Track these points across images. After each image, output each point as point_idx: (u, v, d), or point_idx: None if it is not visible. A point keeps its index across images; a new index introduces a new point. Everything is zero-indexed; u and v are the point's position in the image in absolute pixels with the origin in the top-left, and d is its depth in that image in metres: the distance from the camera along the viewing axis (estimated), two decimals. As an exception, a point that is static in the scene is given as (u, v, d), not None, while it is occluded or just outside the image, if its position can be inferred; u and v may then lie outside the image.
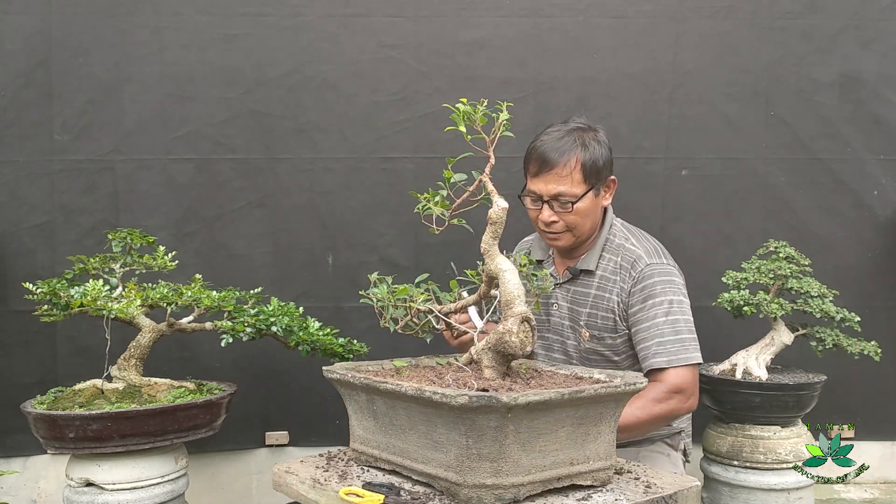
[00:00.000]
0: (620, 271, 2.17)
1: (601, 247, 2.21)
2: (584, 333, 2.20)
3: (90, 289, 2.14)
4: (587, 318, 2.20)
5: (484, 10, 2.81)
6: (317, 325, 2.30)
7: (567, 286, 2.25)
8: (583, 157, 2.08)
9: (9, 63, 2.67)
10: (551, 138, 2.10)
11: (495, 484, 1.44)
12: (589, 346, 2.20)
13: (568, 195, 2.08)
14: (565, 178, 2.07)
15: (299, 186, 2.80)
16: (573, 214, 2.10)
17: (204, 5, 2.73)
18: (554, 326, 2.28)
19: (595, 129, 2.15)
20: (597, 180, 2.11)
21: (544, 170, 2.08)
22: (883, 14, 2.85)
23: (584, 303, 2.21)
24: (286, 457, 2.84)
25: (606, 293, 2.18)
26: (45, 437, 2.11)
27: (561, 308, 2.26)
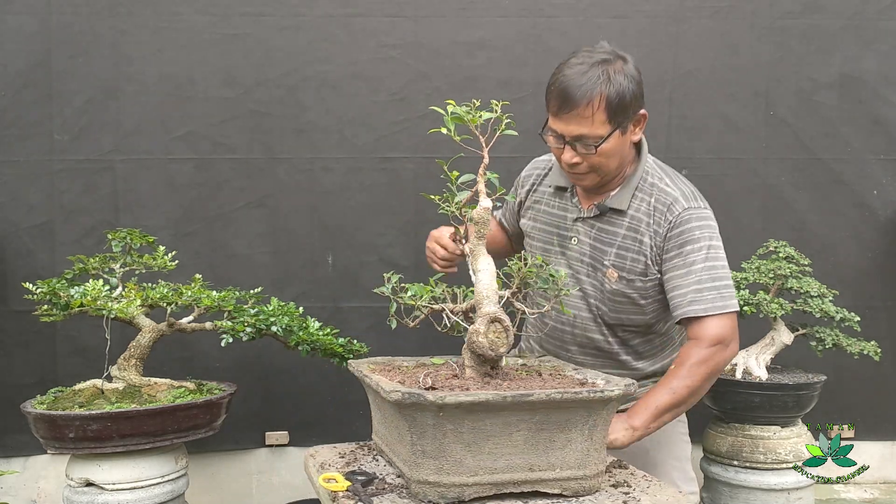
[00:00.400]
0: (655, 213, 1.98)
1: (635, 185, 2.01)
2: (612, 273, 2.01)
3: (90, 289, 2.14)
4: (615, 258, 2.01)
5: (484, 10, 2.81)
6: (317, 325, 2.30)
7: (592, 221, 2.05)
8: (608, 95, 1.85)
9: (9, 63, 2.67)
10: (574, 73, 1.87)
11: (437, 481, 1.46)
12: (616, 288, 2.01)
13: (591, 137, 1.88)
14: (588, 119, 1.86)
15: (299, 186, 2.80)
16: (598, 156, 1.91)
17: (204, 5, 2.73)
18: (571, 260, 2.08)
19: (623, 58, 1.91)
20: (624, 118, 1.90)
21: (565, 109, 1.87)
22: (883, 14, 2.85)
23: (610, 242, 2.02)
24: (286, 457, 2.84)
25: (638, 235, 1.99)
26: (45, 437, 2.11)
27: (582, 244, 2.06)
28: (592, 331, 2.07)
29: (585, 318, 2.07)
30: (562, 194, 2.11)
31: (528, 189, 2.20)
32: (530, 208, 2.18)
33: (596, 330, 2.07)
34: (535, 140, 2.78)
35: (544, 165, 2.20)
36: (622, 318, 2.05)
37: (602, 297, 2.04)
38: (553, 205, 2.13)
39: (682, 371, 1.89)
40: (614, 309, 2.04)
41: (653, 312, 2.04)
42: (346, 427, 2.73)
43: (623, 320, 2.05)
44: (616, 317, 2.05)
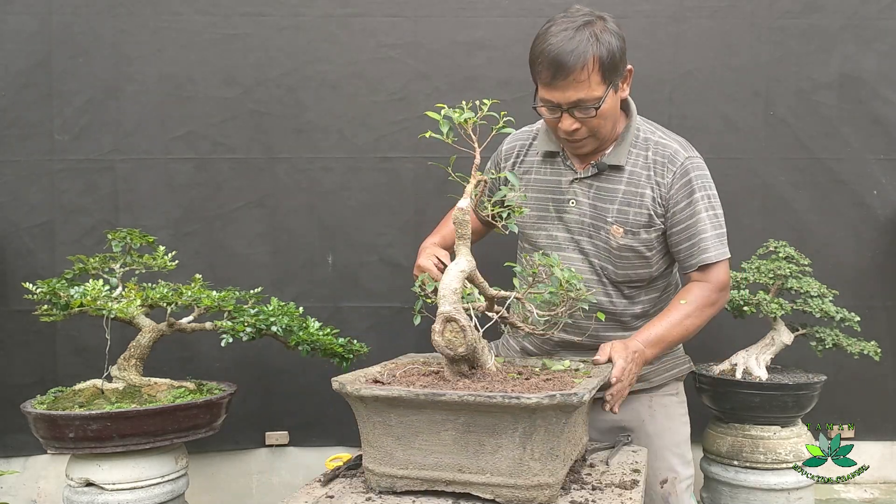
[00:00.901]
0: (655, 166, 2.01)
1: (630, 141, 2.04)
2: (617, 230, 2.01)
3: (90, 289, 2.14)
4: (617, 214, 2.02)
5: (483, 9, 2.81)
6: (317, 325, 2.30)
7: (590, 181, 2.05)
8: (600, 55, 1.85)
9: (9, 63, 2.68)
10: (560, 39, 1.85)
11: (373, 469, 1.56)
12: (623, 243, 2.02)
13: (589, 100, 1.88)
14: (584, 83, 1.86)
15: (298, 186, 2.80)
16: (596, 119, 1.92)
17: (204, 5, 2.73)
18: (569, 224, 2.08)
19: (603, 17, 1.93)
20: (615, 76, 1.91)
21: (560, 77, 1.85)
22: (883, 14, 2.85)
23: (611, 199, 2.03)
24: (286, 457, 2.85)
25: (639, 189, 2.01)
26: (45, 437, 2.11)
27: (581, 205, 2.05)
28: (597, 293, 2.05)
29: (590, 280, 2.06)
30: (552, 160, 2.10)
31: (512, 161, 2.18)
32: (518, 179, 2.13)
33: (601, 291, 2.06)
34: (534, 140, 2.79)
35: (526, 136, 2.19)
36: (629, 274, 2.06)
37: (608, 255, 2.04)
38: (544, 171, 2.11)
39: (692, 309, 1.97)
40: (621, 265, 2.04)
41: (657, 264, 2.07)
42: (347, 427, 2.73)
43: (630, 276, 2.06)
44: (623, 273, 2.05)
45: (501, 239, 2.13)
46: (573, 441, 1.65)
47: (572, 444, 1.63)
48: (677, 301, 2.01)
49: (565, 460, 1.55)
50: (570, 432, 1.57)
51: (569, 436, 1.56)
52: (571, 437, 1.60)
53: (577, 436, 1.69)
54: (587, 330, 2.02)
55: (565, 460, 1.55)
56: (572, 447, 1.64)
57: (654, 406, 2.16)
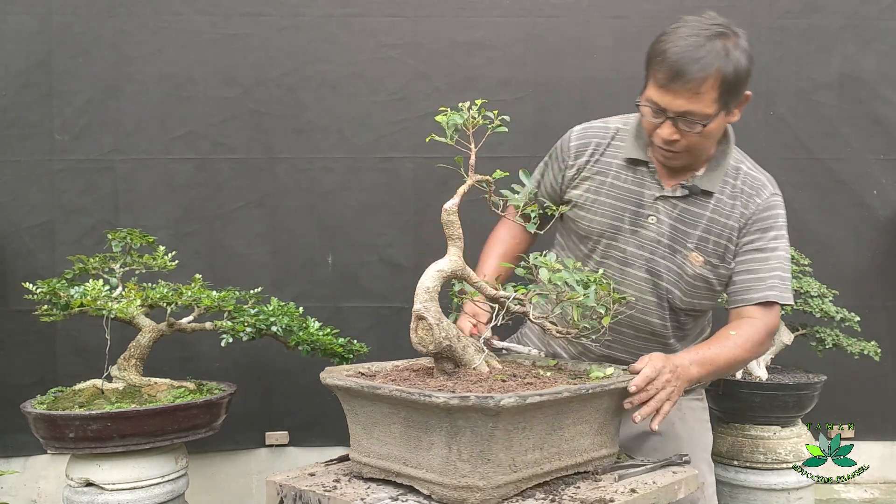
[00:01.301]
0: (741, 196, 1.90)
1: (725, 169, 1.92)
2: (696, 258, 1.90)
3: (90, 289, 2.14)
4: (698, 241, 1.90)
5: (483, 9, 2.81)
6: (317, 325, 2.30)
7: (675, 201, 1.91)
8: (725, 73, 1.73)
9: (9, 63, 2.68)
10: (688, 45, 1.73)
11: (352, 456, 1.65)
12: (699, 272, 1.90)
13: (699, 115, 1.76)
14: (698, 96, 1.74)
15: (298, 186, 2.80)
16: (700, 136, 1.80)
17: (204, 5, 2.74)
18: (643, 241, 1.93)
19: (737, 34, 1.79)
20: (732, 98, 1.79)
21: (676, 83, 1.73)
22: (883, 14, 2.85)
23: (694, 224, 1.91)
24: (286, 457, 2.84)
25: (724, 218, 1.90)
26: (45, 437, 2.11)
27: (661, 224, 1.91)
28: (652, 314, 1.95)
29: (650, 301, 1.95)
30: (635, 168, 1.94)
31: (586, 160, 2.00)
32: (588, 179, 1.99)
33: (657, 314, 1.95)
34: (535, 140, 2.80)
35: (603, 133, 2.02)
36: (694, 303, 1.95)
37: (679, 280, 1.93)
38: (624, 178, 1.95)
39: (741, 342, 1.82)
40: (689, 294, 1.93)
41: (719, 297, 1.99)
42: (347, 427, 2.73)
43: (695, 305, 1.96)
44: (689, 302, 1.94)
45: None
46: (534, 448, 1.52)
47: (533, 451, 1.52)
48: (727, 331, 1.86)
49: (512, 467, 1.48)
50: (517, 438, 1.47)
51: (515, 441, 1.47)
52: (525, 444, 1.49)
53: (549, 443, 1.55)
54: (628, 345, 1.96)
55: (512, 467, 1.48)
56: (534, 454, 1.52)
57: (684, 409, 2.06)
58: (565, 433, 1.57)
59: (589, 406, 1.60)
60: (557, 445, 1.56)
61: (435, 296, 1.63)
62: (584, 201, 1.98)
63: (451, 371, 1.67)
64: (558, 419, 1.54)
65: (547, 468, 1.55)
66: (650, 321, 1.95)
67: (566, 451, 1.59)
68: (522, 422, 1.47)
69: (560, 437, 1.56)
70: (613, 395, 1.64)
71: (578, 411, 1.58)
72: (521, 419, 1.46)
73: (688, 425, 2.05)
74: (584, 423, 1.60)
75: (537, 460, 1.53)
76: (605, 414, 1.64)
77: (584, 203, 1.98)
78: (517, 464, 1.48)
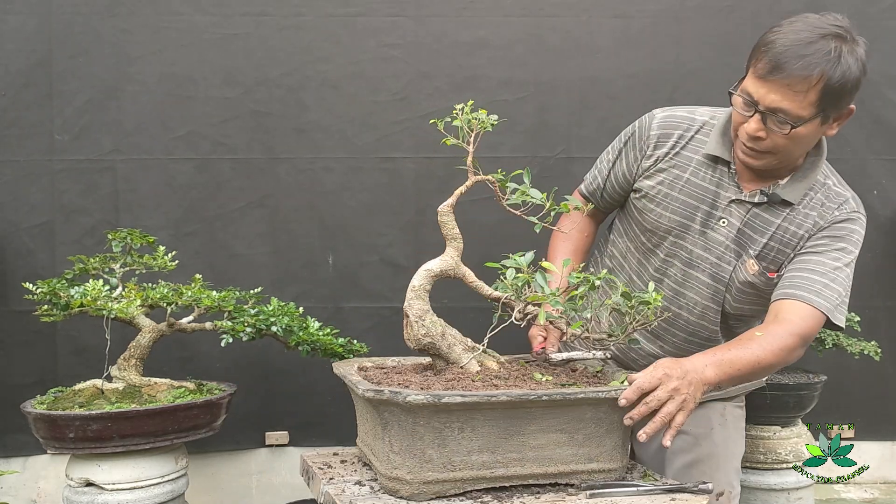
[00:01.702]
0: (820, 208, 1.80)
1: (811, 182, 1.81)
2: (752, 265, 1.80)
3: (90, 289, 2.14)
4: (762, 249, 1.81)
5: (485, 9, 2.81)
6: (317, 325, 2.30)
7: (748, 205, 1.81)
8: (830, 76, 1.61)
9: (9, 63, 2.67)
10: (799, 38, 1.62)
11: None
12: (750, 280, 1.81)
13: (791, 115, 1.65)
14: (796, 95, 1.62)
15: (299, 186, 2.80)
16: (788, 138, 1.68)
17: (204, 5, 2.73)
18: (710, 243, 1.84)
19: (855, 41, 1.67)
20: (833, 107, 1.67)
21: (775, 75, 1.62)
22: (883, 14, 2.85)
23: (763, 231, 1.81)
24: (286, 457, 2.84)
25: (794, 227, 1.80)
26: (45, 437, 2.11)
27: (731, 226, 1.82)
28: (708, 318, 1.88)
29: (709, 306, 1.87)
30: (716, 166, 1.84)
31: (666, 151, 1.89)
32: (664, 171, 1.89)
33: (712, 318, 1.88)
34: (536, 140, 2.80)
35: (687, 124, 1.91)
36: (743, 309, 1.89)
37: (730, 285, 1.85)
38: (703, 176, 1.85)
39: (766, 343, 1.68)
40: (738, 299, 1.86)
41: (767, 305, 1.85)
42: (347, 427, 2.72)
43: (744, 311, 1.89)
44: (738, 307, 1.88)
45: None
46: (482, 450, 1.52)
47: (481, 453, 1.51)
48: (752, 332, 1.75)
49: (448, 466, 1.49)
50: (455, 437, 1.48)
51: (451, 440, 1.48)
52: (468, 445, 1.50)
53: (506, 448, 1.53)
54: (664, 341, 1.89)
55: (448, 466, 1.49)
56: (483, 456, 1.52)
57: (726, 415, 1.99)
58: (530, 440, 1.54)
59: (563, 414, 1.54)
60: (518, 451, 1.54)
61: (421, 293, 1.68)
62: (655, 193, 1.88)
63: (440, 369, 1.70)
64: (515, 424, 1.52)
65: (501, 473, 1.53)
66: (705, 326, 1.88)
67: (532, 458, 1.55)
68: (458, 422, 1.48)
69: (521, 444, 1.54)
70: (599, 406, 1.55)
71: (546, 418, 1.53)
72: (454, 419, 1.47)
73: (726, 431, 1.97)
74: (557, 432, 1.55)
75: (486, 463, 1.52)
76: (592, 425, 1.56)
77: (655, 195, 1.88)
78: (455, 463, 1.50)
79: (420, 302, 1.68)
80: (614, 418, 1.56)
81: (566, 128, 2.83)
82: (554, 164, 2.80)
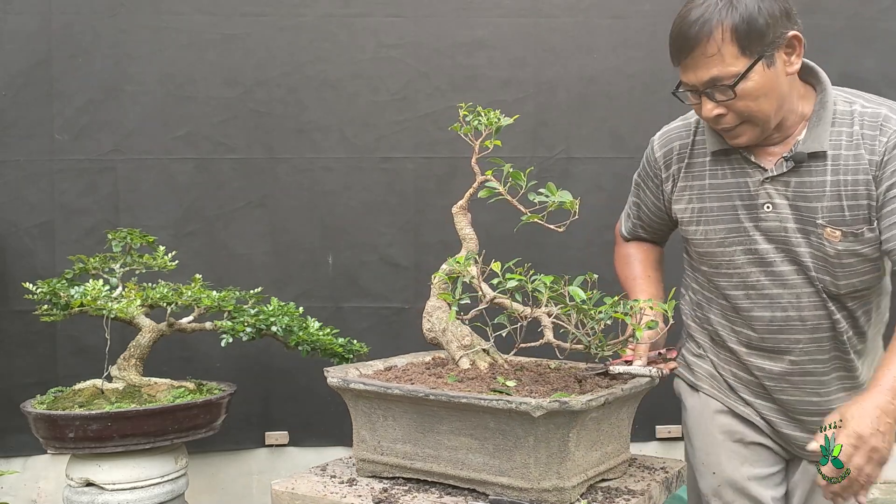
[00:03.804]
0: (864, 140, 1.60)
1: (828, 119, 1.62)
2: (832, 233, 1.61)
3: (90, 289, 2.14)
4: (828, 212, 1.61)
5: (484, 9, 2.81)
6: (317, 325, 2.31)
7: (785, 178, 1.64)
8: (733, 22, 1.51)
9: (9, 63, 2.67)
10: (682, 15, 1.56)
11: None
12: (842, 248, 1.61)
13: (725, 77, 1.54)
14: (714, 58, 1.53)
15: (299, 186, 2.80)
16: (741, 100, 1.56)
17: (204, 5, 2.73)
18: (769, 233, 1.67)
19: None
20: (763, 46, 1.53)
21: (685, 54, 1.56)
22: (883, 14, 2.85)
23: (817, 196, 1.62)
24: (286, 457, 2.84)
25: (849, 175, 1.61)
26: (45, 437, 2.11)
27: (778, 208, 1.65)
28: (814, 307, 1.67)
29: (810, 295, 1.67)
30: (727, 158, 1.71)
31: (676, 166, 1.78)
32: (686, 188, 1.76)
33: (819, 306, 1.67)
34: (535, 140, 2.80)
35: (685, 132, 1.79)
36: (854, 283, 1.66)
37: (825, 264, 1.64)
38: (721, 174, 1.72)
39: None
40: (843, 275, 1.64)
41: (881, 266, 1.66)
42: (347, 427, 2.72)
43: (855, 285, 1.66)
44: (847, 283, 1.65)
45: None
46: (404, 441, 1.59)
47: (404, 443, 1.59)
48: None
49: (377, 449, 1.64)
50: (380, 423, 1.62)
51: (379, 425, 1.62)
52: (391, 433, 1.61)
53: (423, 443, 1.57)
54: (790, 353, 1.69)
55: (377, 449, 1.64)
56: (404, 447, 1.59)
57: None
58: (444, 439, 1.54)
59: (467, 419, 1.50)
60: (434, 449, 1.56)
61: (435, 290, 1.75)
62: (692, 214, 1.76)
63: (445, 364, 1.79)
64: (428, 420, 1.55)
65: (420, 466, 1.59)
66: (815, 316, 1.68)
67: (447, 458, 1.55)
68: (380, 409, 1.62)
69: (437, 441, 1.56)
70: (498, 416, 1.45)
71: (453, 420, 1.52)
72: (375, 406, 1.61)
73: None
74: (466, 436, 1.52)
75: (408, 454, 1.60)
76: (499, 435, 1.48)
77: (692, 216, 1.76)
78: (384, 448, 1.63)
79: (433, 299, 1.76)
80: (519, 433, 1.46)
81: (565, 128, 2.83)
82: (553, 164, 2.80)
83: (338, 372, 1.68)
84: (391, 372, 1.77)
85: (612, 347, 1.57)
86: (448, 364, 1.78)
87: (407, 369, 1.78)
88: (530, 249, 2.56)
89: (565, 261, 2.69)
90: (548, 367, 1.83)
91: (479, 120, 1.73)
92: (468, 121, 1.74)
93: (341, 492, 1.58)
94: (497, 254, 1.66)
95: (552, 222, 1.65)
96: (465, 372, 1.70)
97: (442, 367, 1.77)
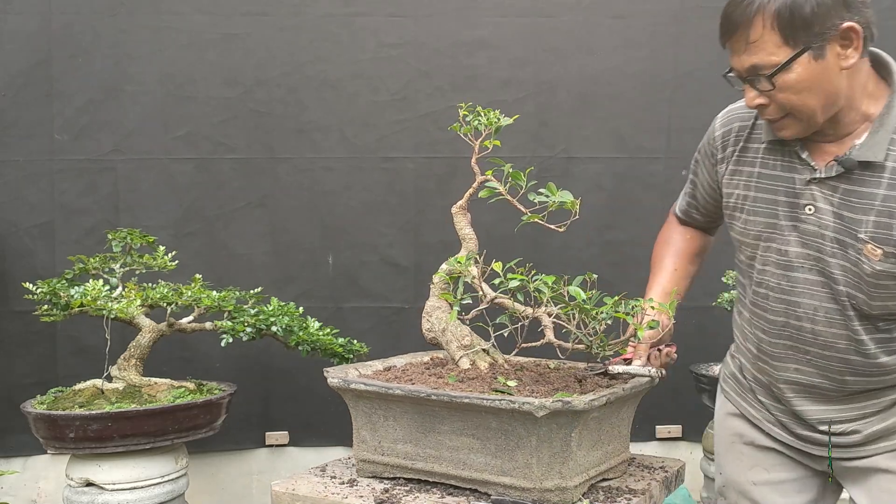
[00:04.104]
0: None
1: (893, 126, 1.47)
2: (873, 250, 1.48)
3: (90, 289, 2.14)
4: (874, 228, 1.47)
5: (485, 9, 2.81)
6: (317, 325, 2.30)
7: (834, 183, 1.50)
8: (776, 8, 1.40)
9: (9, 63, 2.67)
10: None
11: None
12: (881, 269, 1.47)
13: (765, 66, 1.43)
14: (756, 45, 1.43)
15: (300, 186, 2.80)
16: (782, 92, 1.45)
17: (204, 5, 2.73)
18: (805, 237, 1.54)
19: None
20: (810, 36, 1.41)
21: (728, 36, 1.46)
22: (883, 14, 2.83)
23: (864, 208, 1.48)
24: (286, 457, 2.84)
25: None
26: (45, 437, 2.11)
27: (821, 213, 1.51)
28: (838, 325, 1.53)
29: (831, 309, 1.54)
30: (781, 149, 1.58)
31: (732, 148, 1.66)
32: (737, 172, 1.65)
33: (843, 324, 1.53)
34: (535, 140, 2.80)
35: (747, 115, 1.65)
36: (888, 307, 1.51)
37: (859, 282, 1.51)
38: (772, 164, 1.59)
39: None
40: (878, 296, 1.50)
41: None
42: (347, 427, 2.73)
43: (890, 308, 1.52)
44: (881, 305, 1.51)
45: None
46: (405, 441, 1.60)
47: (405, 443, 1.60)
48: None
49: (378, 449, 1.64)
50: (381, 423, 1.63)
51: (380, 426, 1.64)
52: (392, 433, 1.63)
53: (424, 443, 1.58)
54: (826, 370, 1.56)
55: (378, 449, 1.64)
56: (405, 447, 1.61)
57: None
58: (445, 439, 1.54)
59: (469, 419, 1.50)
60: (436, 449, 1.56)
61: (436, 290, 1.74)
62: (738, 200, 1.65)
63: (443, 364, 1.79)
64: (429, 420, 1.55)
65: (421, 466, 1.58)
66: (838, 334, 1.55)
67: (448, 458, 1.55)
68: (380, 409, 1.61)
69: (438, 442, 1.56)
70: (500, 416, 1.46)
71: (454, 420, 1.52)
72: (376, 406, 1.61)
73: None
74: (468, 437, 1.51)
75: (409, 454, 1.60)
76: (501, 435, 1.48)
77: (738, 203, 1.65)
78: (385, 448, 1.63)
79: (432, 299, 1.76)
80: (521, 433, 1.46)
81: (566, 128, 2.83)
82: (554, 164, 2.80)
83: (338, 372, 1.68)
84: (390, 372, 1.77)
85: (614, 347, 1.57)
86: (447, 364, 1.78)
87: (406, 369, 1.78)
88: (531, 249, 2.55)
89: (565, 261, 2.69)
90: (547, 366, 1.83)
91: (478, 120, 1.73)
92: (468, 121, 1.74)
93: (342, 492, 1.57)
94: (497, 254, 1.66)
95: (552, 222, 1.65)
96: (465, 372, 1.70)
97: (441, 367, 1.76)
